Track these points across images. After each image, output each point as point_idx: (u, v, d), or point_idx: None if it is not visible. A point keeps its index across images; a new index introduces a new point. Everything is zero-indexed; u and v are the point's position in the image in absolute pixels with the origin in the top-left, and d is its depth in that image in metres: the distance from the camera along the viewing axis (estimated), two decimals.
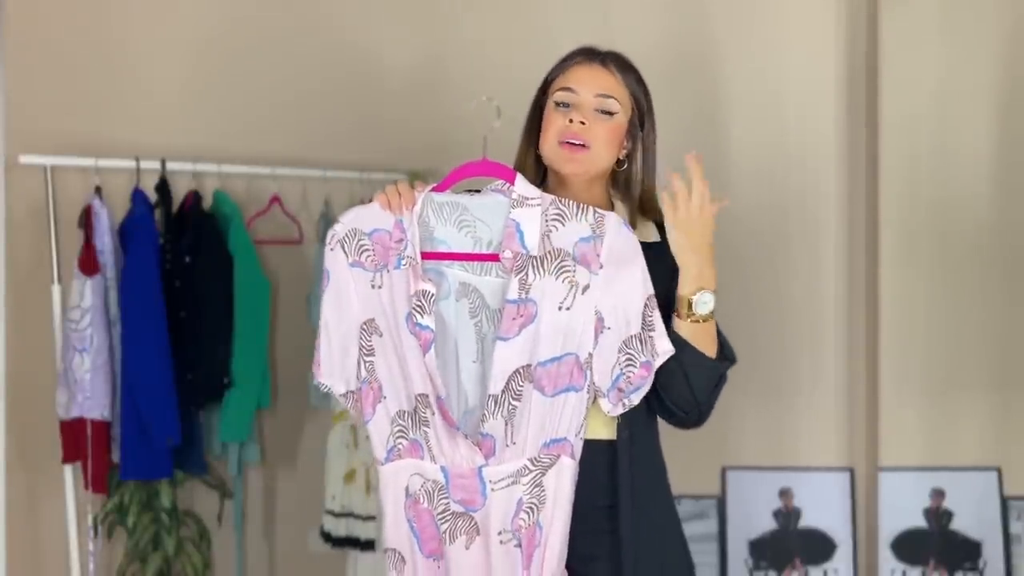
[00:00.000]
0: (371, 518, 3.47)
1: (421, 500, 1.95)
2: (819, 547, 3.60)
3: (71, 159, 3.29)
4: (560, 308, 1.93)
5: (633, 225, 2.05)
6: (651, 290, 1.94)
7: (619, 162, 2.07)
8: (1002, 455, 3.51)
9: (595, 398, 1.95)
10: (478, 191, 2.02)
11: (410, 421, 1.95)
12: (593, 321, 1.93)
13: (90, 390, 3.18)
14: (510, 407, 1.91)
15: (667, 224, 1.97)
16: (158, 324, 3.23)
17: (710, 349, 1.98)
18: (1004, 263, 3.51)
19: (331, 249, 1.98)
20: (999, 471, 3.51)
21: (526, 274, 1.93)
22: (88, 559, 3.31)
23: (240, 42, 3.67)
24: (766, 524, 3.63)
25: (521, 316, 1.92)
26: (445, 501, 1.94)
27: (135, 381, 3.19)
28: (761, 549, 3.61)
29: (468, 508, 1.93)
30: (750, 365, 3.55)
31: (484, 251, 1.97)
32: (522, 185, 1.97)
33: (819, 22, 3.63)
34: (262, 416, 3.66)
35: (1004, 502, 3.50)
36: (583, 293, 1.93)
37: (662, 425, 2.08)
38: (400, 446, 1.96)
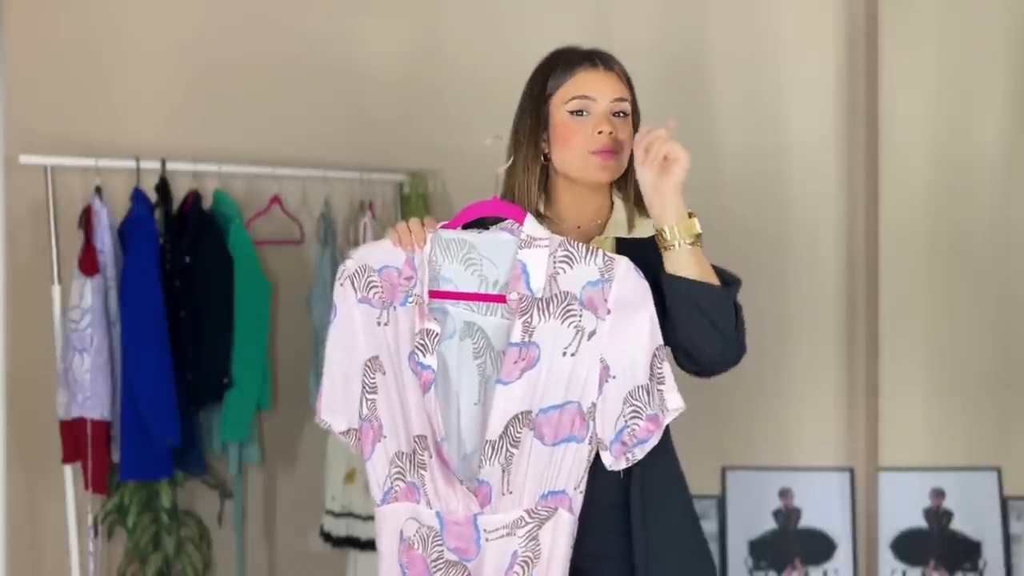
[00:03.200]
0: (371, 518, 3.46)
1: (415, 546, 1.92)
2: (819, 547, 3.60)
3: (71, 159, 3.28)
4: (565, 353, 1.87)
5: (631, 222, 2.03)
6: (660, 340, 1.87)
7: None
8: (1002, 455, 3.51)
9: (596, 451, 1.88)
10: (486, 227, 1.99)
11: (408, 463, 1.91)
12: (598, 369, 1.87)
13: (90, 390, 3.18)
14: (507, 454, 1.86)
15: (638, 169, 1.89)
16: (158, 324, 3.23)
17: (711, 275, 1.91)
18: (1004, 263, 3.51)
19: (341, 284, 1.96)
20: (999, 471, 3.51)
21: (530, 317, 1.87)
22: (88, 559, 3.31)
23: (240, 43, 3.68)
24: (766, 524, 3.63)
25: (523, 360, 1.86)
26: (439, 548, 1.90)
27: (135, 381, 3.19)
28: (761, 549, 3.60)
29: (462, 557, 1.89)
30: (750, 365, 3.58)
31: (490, 290, 1.92)
32: (531, 225, 1.92)
33: (818, 22, 3.63)
34: (262, 416, 3.66)
35: (1004, 502, 3.50)
36: (589, 339, 1.87)
37: None
38: (397, 488, 1.92)
